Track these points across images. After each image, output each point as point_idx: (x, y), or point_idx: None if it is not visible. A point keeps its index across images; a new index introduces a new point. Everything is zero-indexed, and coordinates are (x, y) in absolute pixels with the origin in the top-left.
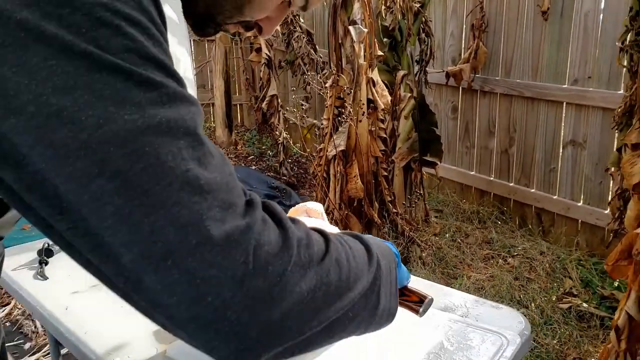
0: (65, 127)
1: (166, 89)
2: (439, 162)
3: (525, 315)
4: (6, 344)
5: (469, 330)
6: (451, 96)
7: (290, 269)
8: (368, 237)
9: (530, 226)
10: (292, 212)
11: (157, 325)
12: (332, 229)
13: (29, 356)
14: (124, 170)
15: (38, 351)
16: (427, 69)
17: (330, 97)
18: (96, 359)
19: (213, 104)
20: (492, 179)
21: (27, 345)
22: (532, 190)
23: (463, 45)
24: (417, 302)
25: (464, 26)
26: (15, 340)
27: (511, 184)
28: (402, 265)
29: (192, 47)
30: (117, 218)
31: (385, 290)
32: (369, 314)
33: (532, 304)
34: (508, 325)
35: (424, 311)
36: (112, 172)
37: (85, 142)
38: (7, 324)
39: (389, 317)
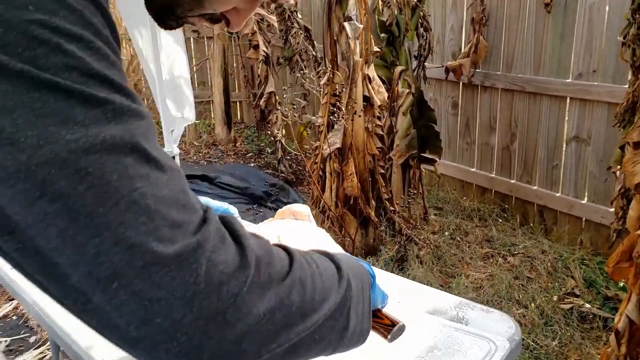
0: (4, 148)
1: (111, 104)
2: (438, 159)
3: (524, 316)
4: (12, 337)
5: (457, 335)
6: (451, 91)
7: (246, 289)
8: (341, 255)
9: (532, 224)
10: (279, 214)
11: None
12: (319, 232)
13: (34, 349)
14: (66, 192)
15: (43, 344)
16: (425, 64)
17: (325, 94)
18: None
19: (212, 101)
20: (493, 175)
21: (32, 339)
22: (534, 188)
23: (463, 40)
24: (388, 326)
25: (464, 20)
26: (22, 334)
27: (513, 181)
28: (378, 287)
29: (192, 45)
30: (61, 240)
31: (356, 311)
32: (337, 336)
33: (532, 304)
34: (498, 330)
35: (394, 337)
36: (54, 194)
37: (25, 164)
38: (14, 317)
39: (360, 338)
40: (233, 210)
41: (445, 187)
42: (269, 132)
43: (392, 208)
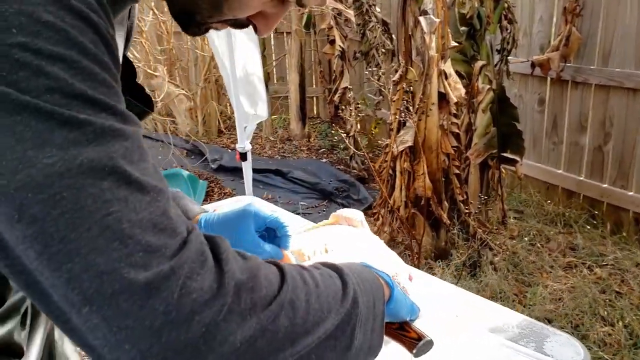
0: None
1: (92, 126)
2: (520, 160)
3: (609, 335)
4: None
5: (517, 357)
6: (537, 87)
7: (222, 317)
8: (351, 269)
9: (625, 233)
10: (332, 219)
11: None
12: (372, 239)
13: None
14: (41, 216)
15: None
16: (509, 58)
17: (397, 90)
18: None
19: (289, 97)
20: (582, 178)
21: None
22: (630, 193)
23: (553, 32)
24: (415, 340)
25: (555, 10)
26: None
27: (605, 185)
28: (407, 299)
29: (271, 40)
30: (39, 262)
31: (363, 329)
32: (339, 355)
33: (620, 323)
34: (563, 355)
35: (420, 352)
36: (30, 218)
37: (4, 187)
38: None
39: (369, 354)
40: (280, 218)
41: (527, 189)
42: (342, 128)
43: (466, 210)
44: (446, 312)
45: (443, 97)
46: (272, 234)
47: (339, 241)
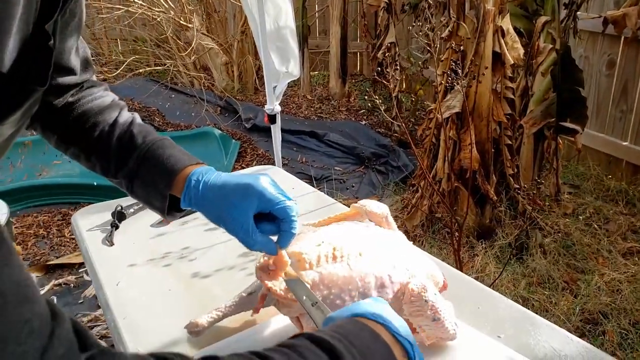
0: None
1: None
2: (581, 130)
3: None
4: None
5: None
6: (608, 48)
7: None
8: (352, 343)
9: None
10: (352, 210)
11: None
12: (399, 236)
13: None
14: None
15: None
16: (578, 13)
17: (446, 49)
18: (124, 350)
19: (329, 52)
20: None
21: None
22: None
23: None
24: None
25: None
26: None
27: None
28: None
29: None
30: None
31: None
32: None
33: None
34: None
35: None
36: None
37: None
38: None
39: None
40: (292, 208)
41: (586, 161)
42: (386, 88)
43: (516, 185)
44: (489, 329)
45: (498, 58)
46: (278, 220)
47: (350, 247)
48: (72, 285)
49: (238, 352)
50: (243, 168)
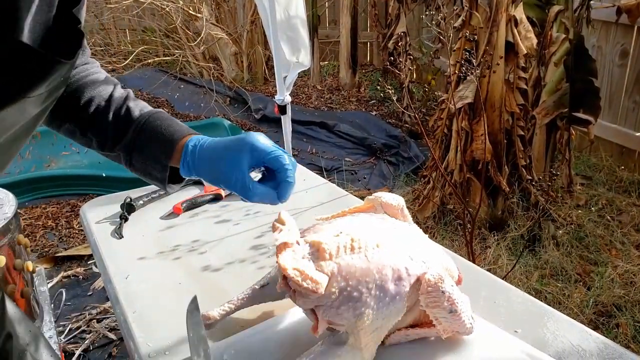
0: None
1: None
2: (594, 121)
3: None
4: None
5: None
6: (621, 37)
7: None
8: None
9: None
10: (367, 203)
11: None
12: (415, 228)
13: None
14: None
15: None
16: (592, 2)
17: (459, 38)
18: (134, 346)
19: (339, 42)
20: None
21: None
22: None
23: None
24: None
25: None
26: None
27: None
28: None
29: None
30: None
31: None
32: None
33: None
34: None
35: None
36: None
37: None
38: None
39: None
40: (284, 157)
41: (598, 152)
42: (397, 78)
43: (529, 177)
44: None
45: (511, 48)
46: (274, 174)
47: (367, 239)
48: (80, 277)
49: (251, 346)
50: None
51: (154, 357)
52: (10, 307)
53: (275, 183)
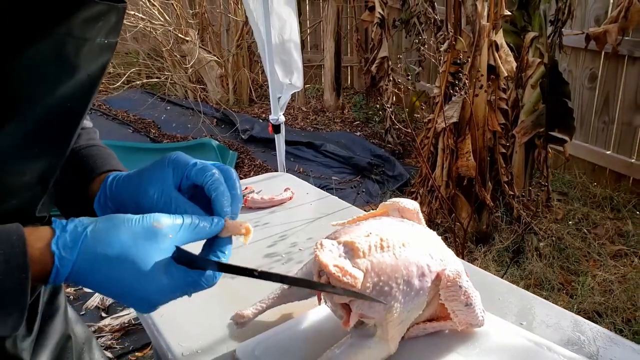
0: None
1: None
2: (569, 139)
3: None
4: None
5: None
6: (590, 62)
7: None
8: None
9: None
10: (382, 208)
11: None
12: (429, 231)
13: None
14: None
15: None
16: (563, 30)
17: (444, 62)
18: (165, 345)
19: (323, 66)
20: (633, 161)
21: None
22: None
23: (611, 2)
24: None
25: None
26: None
27: None
28: None
29: (306, 6)
30: None
31: None
32: None
33: None
34: None
35: None
36: None
37: None
38: None
39: None
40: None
41: (572, 170)
42: (379, 100)
43: (511, 192)
44: (510, 317)
45: (493, 71)
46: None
47: (394, 238)
48: (71, 297)
49: (279, 342)
50: (242, 179)
51: (187, 356)
52: (69, 308)
53: (207, 201)
